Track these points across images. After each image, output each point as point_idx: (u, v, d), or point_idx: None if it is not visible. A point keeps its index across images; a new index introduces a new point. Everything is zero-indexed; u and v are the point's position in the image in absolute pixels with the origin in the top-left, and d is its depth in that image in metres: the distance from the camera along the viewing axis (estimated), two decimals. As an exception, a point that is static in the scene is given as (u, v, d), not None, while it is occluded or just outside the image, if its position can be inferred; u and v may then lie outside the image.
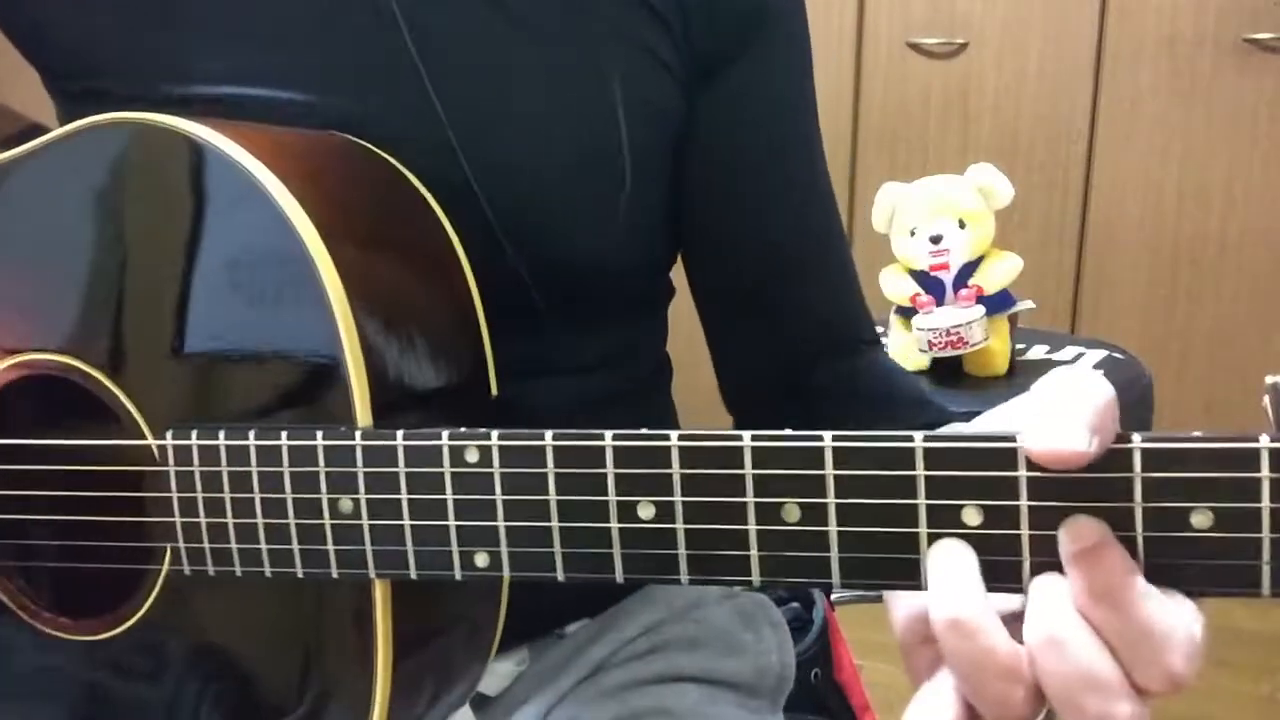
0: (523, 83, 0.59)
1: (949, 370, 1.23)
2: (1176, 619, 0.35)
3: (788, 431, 0.39)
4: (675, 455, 0.40)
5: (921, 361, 1.23)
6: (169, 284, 0.51)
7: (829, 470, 0.38)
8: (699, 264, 0.68)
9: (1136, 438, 0.35)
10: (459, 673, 0.56)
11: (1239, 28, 2.10)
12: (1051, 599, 0.36)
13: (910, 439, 0.37)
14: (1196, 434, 0.35)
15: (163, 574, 0.51)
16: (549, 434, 0.42)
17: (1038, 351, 1.33)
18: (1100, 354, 1.30)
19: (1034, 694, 0.36)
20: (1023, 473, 0.36)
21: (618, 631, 0.71)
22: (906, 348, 1.23)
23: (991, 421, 0.40)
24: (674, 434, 0.40)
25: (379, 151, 0.56)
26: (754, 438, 0.39)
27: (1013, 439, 0.36)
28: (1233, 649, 1.96)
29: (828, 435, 0.38)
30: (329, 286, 0.47)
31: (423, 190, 0.55)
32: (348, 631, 0.49)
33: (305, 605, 0.50)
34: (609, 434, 0.41)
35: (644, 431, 0.40)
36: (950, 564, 0.37)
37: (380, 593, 0.47)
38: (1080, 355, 1.30)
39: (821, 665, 0.98)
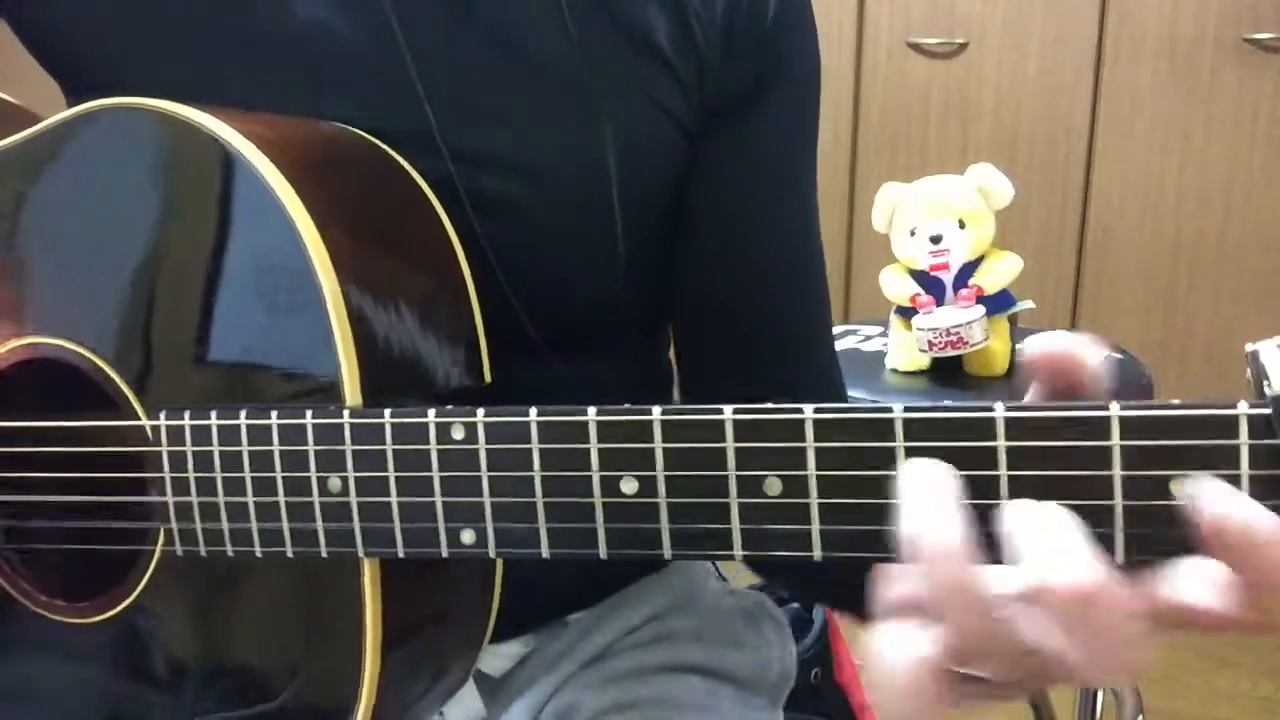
0: (521, 125, 0.58)
1: (949, 370, 1.22)
2: None
3: (769, 405, 0.39)
4: (658, 430, 0.40)
5: (921, 361, 1.22)
6: (162, 269, 0.51)
7: (809, 443, 0.38)
8: (681, 287, 0.66)
9: (1114, 406, 0.35)
10: (451, 657, 0.56)
11: (1239, 28, 2.10)
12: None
13: (889, 410, 0.37)
14: (1175, 401, 0.35)
15: (156, 555, 0.52)
16: (533, 410, 0.42)
17: (1038, 350, 1.32)
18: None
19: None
20: (1001, 442, 0.36)
21: (622, 619, 0.71)
22: (906, 348, 1.23)
23: None
24: (656, 409, 0.40)
25: (374, 140, 0.56)
26: (735, 411, 0.39)
27: (991, 409, 0.36)
28: (1233, 649, 1.96)
29: (808, 408, 0.38)
30: (322, 276, 0.47)
31: (419, 181, 0.55)
32: (338, 612, 0.49)
33: (297, 587, 0.50)
34: (592, 410, 0.41)
35: (626, 406, 0.41)
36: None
37: (370, 573, 0.48)
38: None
39: (822, 666, 0.98)
